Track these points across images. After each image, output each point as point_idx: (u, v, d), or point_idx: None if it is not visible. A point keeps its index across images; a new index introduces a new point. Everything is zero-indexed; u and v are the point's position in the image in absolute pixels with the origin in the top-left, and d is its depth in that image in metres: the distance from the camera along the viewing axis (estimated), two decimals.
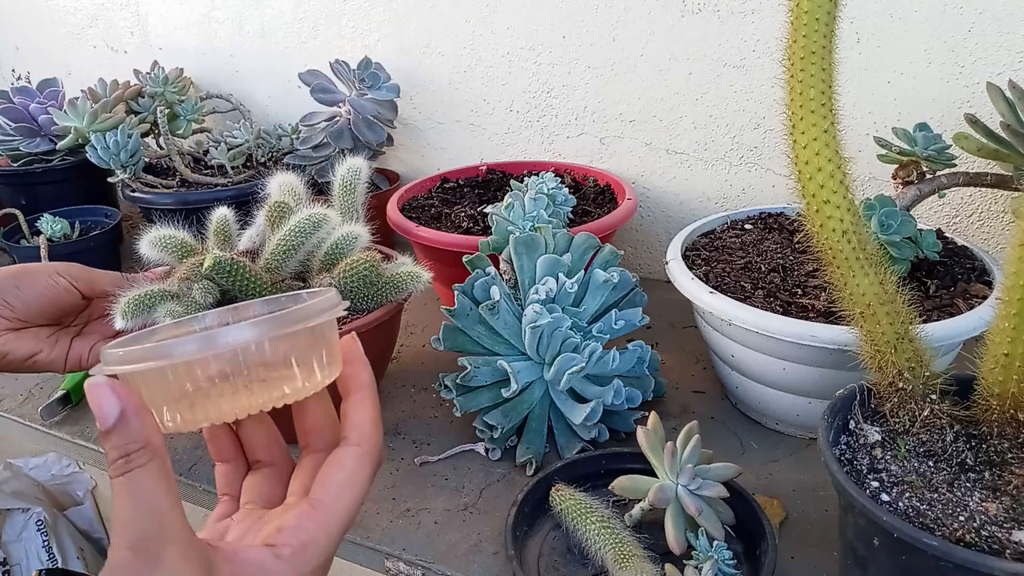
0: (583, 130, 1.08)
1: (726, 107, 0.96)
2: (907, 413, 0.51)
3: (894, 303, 0.50)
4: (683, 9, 0.94)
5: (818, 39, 0.46)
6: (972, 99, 0.82)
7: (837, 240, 0.49)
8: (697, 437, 0.60)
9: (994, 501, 0.46)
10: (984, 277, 0.70)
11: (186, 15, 1.35)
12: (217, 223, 0.73)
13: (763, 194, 0.99)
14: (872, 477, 0.49)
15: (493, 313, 0.69)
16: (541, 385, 0.70)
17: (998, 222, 0.87)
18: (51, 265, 0.65)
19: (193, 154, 1.25)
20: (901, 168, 0.73)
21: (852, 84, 0.86)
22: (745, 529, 0.60)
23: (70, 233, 1.12)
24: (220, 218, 0.73)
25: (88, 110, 1.13)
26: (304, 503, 0.38)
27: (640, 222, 1.09)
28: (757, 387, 0.71)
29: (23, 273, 0.63)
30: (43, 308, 0.63)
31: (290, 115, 1.26)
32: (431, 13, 1.11)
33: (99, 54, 1.50)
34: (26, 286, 0.62)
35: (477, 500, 0.67)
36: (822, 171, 0.48)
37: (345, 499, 0.38)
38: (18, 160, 1.23)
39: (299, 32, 1.25)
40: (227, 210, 0.74)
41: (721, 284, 0.71)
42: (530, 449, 0.70)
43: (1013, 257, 0.43)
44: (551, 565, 0.60)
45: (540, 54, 1.06)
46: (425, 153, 1.23)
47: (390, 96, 1.12)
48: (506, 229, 0.78)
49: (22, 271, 0.63)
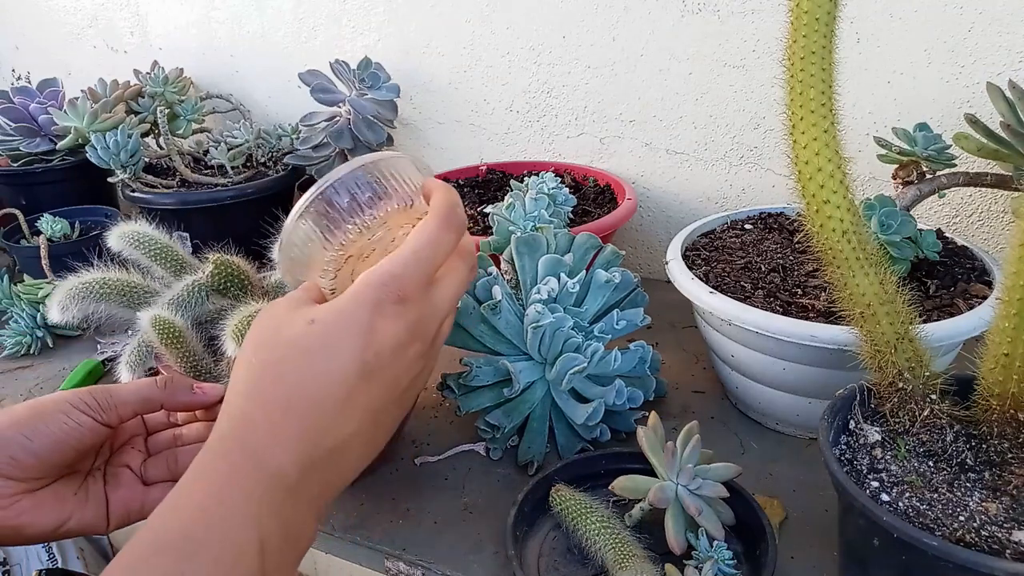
0: (583, 130, 1.08)
1: (726, 107, 0.96)
2: (907, 413, 0.51)
3: (894, 303, 0.50)
4: (683, 9, 0.94)
5: (818, 39, 0.46)
6: (972, 99, 0.82)
7: (837, 240, 0.49)
8: (697, 437, 0.60)
9: (994, 501, 0.46)
10: (984, 277, 0.70)
11: (186, 15, 1.35)
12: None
13: (763, 194, 0.99)
14: (872, 477, 0.49)
15: (495, 313, 0.69)
16: (543, 385, 0.70)
17: (998, 222, 0.87)
18: (66, 398, 0.51)
19: (193, 154, 1.25)
20: (901, 168, 0.73)
21: (852, 84, 0.86)
22: (745, 529, 0.60)
23: (70, 233, 1.12)
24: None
25: (88, 110, 1.13)
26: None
27: (640, 222, 1.09)
28: (757, 387, 0.71)
29: (34, 417, 0.49)
30: (63, 457, 0.50)
31: (290, 115, 1.26)
32: (431, 13, 1.11)
33: (99, 54, 1.50)
34: (38, 435, 0.49)
35: (477, 500, 0.67)
36: (822, 171, 0.48)
37: (411, 242, 0.43)
38: (18, 160, 1.23)
39: (299, 32, 1.25)
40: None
41: (721, 284, 0.71)
42: (531, 449, 0.70)
43: (1013, 257, 0.43)
44: (551, 565, 0.60)
45: (540, 54, 1.06)
46: (425, 153, 1.23)
47: (390, 96, 1.12)
48: (507, 229, 0.78)
49: (33, 415, 0.49)
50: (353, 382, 0.40)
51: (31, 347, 0.97)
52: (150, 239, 0.67)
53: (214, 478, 0.38)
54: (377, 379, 0.41)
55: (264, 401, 0.40)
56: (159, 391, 0.53)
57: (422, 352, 0.43)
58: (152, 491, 0.55)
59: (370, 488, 0.69)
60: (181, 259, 0.69)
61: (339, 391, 0.39)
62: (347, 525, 0.66)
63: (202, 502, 0.37)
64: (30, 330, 0.96)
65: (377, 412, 0.41)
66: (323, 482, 0.40)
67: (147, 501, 0.55)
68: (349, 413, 0.40)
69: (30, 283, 1.03)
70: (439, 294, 0.44)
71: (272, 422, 0.39)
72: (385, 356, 0.41)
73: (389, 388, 0.41)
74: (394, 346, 0.41)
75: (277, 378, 0.40)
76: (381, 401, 0.41)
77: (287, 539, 0.38)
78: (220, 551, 0.36)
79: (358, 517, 0.66)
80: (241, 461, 0.38)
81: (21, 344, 0.96)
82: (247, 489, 0.37)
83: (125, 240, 0.66)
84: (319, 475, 0.40)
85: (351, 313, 0.40)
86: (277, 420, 0.39)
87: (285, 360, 0.40)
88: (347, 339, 0.40)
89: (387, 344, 0.40)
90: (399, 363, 0.41)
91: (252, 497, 0.37)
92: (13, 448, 0.48)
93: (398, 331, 0.41)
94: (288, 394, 0.39)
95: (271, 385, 0.40)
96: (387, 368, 0.41)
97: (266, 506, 0.37)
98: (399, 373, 0.42)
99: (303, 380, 0.39)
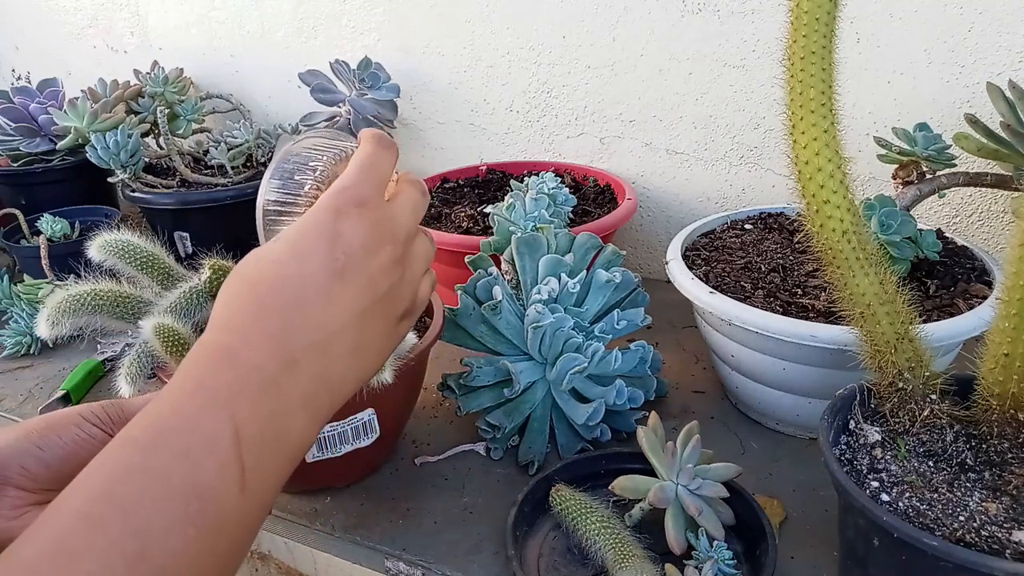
0: (583, 130, 1.08)
1: (726, 107, 0.96)
2: (907, 413, 0.51)
3: (894, 303, 0.50)
4: (683, 9, 0.94)
5: (818, 39, 0.47)
6: (972, 99, 0.82)
7: (837, 240, 0.49)
8: (697, 437, 0.60)
9: (994, 501, 0.46)
10: (984, 277, 0.70)
11: (186, 15, 1.35)
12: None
13: (763, 194, 0.99)
14: (872, 477, 0.49)
15: (495, 313, 0.69)
16: (543, 385, 0.70)
17: (998, 222, 0.87)
18: (78, 411, 0.51)
19: (193, 154, 1.25)
20: (901, 168, 0.73)
21: (852, 84, 0.86)
22: (745, 529, 0.60)
23: (70, 233, 1.12)
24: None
25: (88, 110, 1.13)
26: None
27: (640, 222, 1.09)
28: (757, 387, 0.71)
29: (46, 429, 0.50)
30: (74, 469, 0.49)
31: (290, 115, 1.26)
32: (431, 13, 1.11)
33: (99, 54, 1.50)
34: (50, 446, 0.49)
35: (477, 500, 0.67)
36: (822, 171, 0.48)
37: (358, 157, 0.45)
38: (18, 160, 1.23)
39: (299, 32, 1.25)
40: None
41: (721, 284, 0.71)
42: (532, 449, 0.70)
43: (1013, 257, 0.43)
44: (551, 565, 0.60)
45: (540, 54, 1.06)
46: (425, 153, 1.23)
47: (390, 96, 1.12)
48: (508, 229, 0.78)
49: (45, 427, 0.50)
50: (327, 282, 0.40)
51: (31, 347, 0.97)
52: (135, 248, 0.63)
53: (186, 378, 0.38)
54: (352, 277, 0.41)
55: (240, 307, 0.40)
56: None
57: (395, 256, 0.44)
58: None
59: (370, 488, 0.69)
60: (168, 268, 0.66)
61: (314, 291, 0.40)
62: (347, 525, 0.66)
63: (174, 400, 0.37)
64: (30, 330, 0.96)
65: (360, 314, 0.42)
66: (312, 377, 0.40)
67: None
68: (329, 310, 0.41)
69: (30, 283, 1.03)
70: (397, 205, 0.45)
71: (247, 324, 0.39)
72: (356, 255, 0.42)
73: (367, 287, 0.42)
74: (363, 243, 0.42)
75: (251, 287, 0.40)
76: (361, 302, 0.42)
77: (270, 431, 0.37)
78: (189, 441, 0.35)
79: (358, 517, 0.66)
80: (215, 360, 0.38)
81: (21, 344, 0.96)
82: (220, 382, 0.37)
83: (108, 250, 0.62)
84: (305, 370, 0.40)
85: (314, 222, 0.41)
86: (251, 322, 0.39)
87: (260, 273, 0.41)
88: (314, 243, 0.41)
89: (355, 242, 0.42)
90: (372, 262, 0.42)
91: (224, 388, 0.37)
92: (25, 458, 0.48)
93: (364, 230, 0.42)
94: (262, 299, 0.40)
95: (248, 294, 0.40)
96: (360, 266, 0.42)
97: (241, 397, 0.37)
98: (374, 274, 0.42)
99: (276, 286, 0.40)
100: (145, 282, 0.66)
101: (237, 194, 1.08)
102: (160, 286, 0.65)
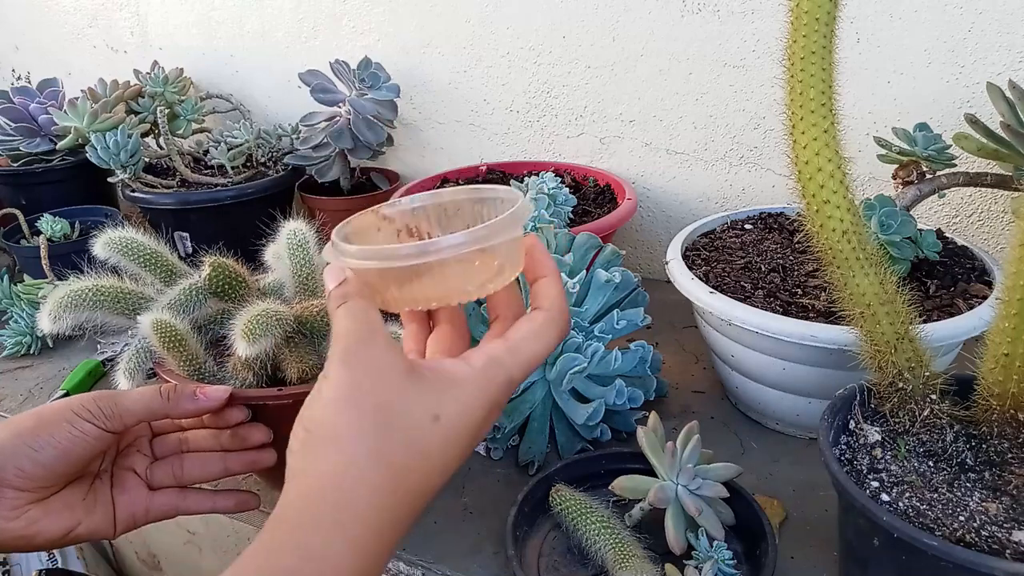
0: (583, 130, 1.08)
1: (726, 107, 0.96)
2: (907, 413, 0.51)
3: (894, 303, 0.50)
4: (683, 9, 0.94)
5: (818, 39, 0.47)
6: (972, 99, 0.82)
7: (837, 240, 0.49)
8: (697, 437, 0.60)
9: (994, 501, 0.46)
10: (984, 277, 0.70)
11: (186, 15, 1.35)
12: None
13: (763, 194, 0.99)
14: (872, 477, 0.49)
15: None
16: (543, 385, 0.70)
17: (998, 222, 0.87)
18: (69, 406, 0.51)
19: (193, 154, 1.25)
20: (901, 168, 0.73)
21: (852, 84, 0.86)
22: (745, 529, 0.60)
23: (70, 233, 1.12)
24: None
25: (88, 110, 1.13)
26: (494, 339, 0.42)
27: (640, 222, 1.09)
28: (757, 387, 0.71)
29: (38, 427, 0.49)
30: (70, 466, 0.51)
31: (290, 115, 1.25)
32: (431, 13, 1.11)
33: (99, 54, 1.50)
34: (43, 445, 0.49)
35: (477, 500, 0.67)
36: (822, 171, 0.48)
37: (532, 344, 0.42)
38: (18, 160, 1.23)
39: (299, 32, 1.25)
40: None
41: (721, 284, 0.71)
42: (532, 449, 0.70)
43: (1013, 257, 0.43)
44: (551, 565, 0.60)
45: (540, 54, 1.06)
46: (425, 153, 1.23)
47: (390, 96, 1.12)
48: None
49: (36, 425, 0.49)
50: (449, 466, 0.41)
51: (31, 347, 0.97)
52: (138, 245, 0.63)
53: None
54: (463, 452, 0.42)
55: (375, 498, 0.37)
56: (163, 402, 0.53)
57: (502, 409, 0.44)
58: (157, 496, 0.56)
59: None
60: (171, 265, 0.67)
61: (438, 481, 0.40)
62: None
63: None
64: (30, 330, 0.96)
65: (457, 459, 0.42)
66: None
67: (152, 506, 0.55)
68: (433, 488, 0.41)
69: (30, 283, 1.03)
70: (532, 356, 0.43)
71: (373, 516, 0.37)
72: (481, 435, 0.42)
73: (470, 447, 0.42)
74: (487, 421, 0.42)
75: (394, 479, 0.37)
76: (461, 459, 0.42)
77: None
78: None
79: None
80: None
81: (21, 344, 0.96)
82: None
83: (112, 247, 0.62)
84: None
85: (473, 411, 0.40)
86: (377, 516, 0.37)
87: (408, 467, 0.38)
88: (465, 438, 0.40)
89: (488, 429, 0.42)
90: (485, 429, 0.43)
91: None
92: (20, 459, 0.48)
93: (499, 415, 0.43)
94: (395, 498, 0.38)
95: (388, 484, 0.37)
96: (477, 439, 0.42)
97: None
98: (480, 435, 0.42)
99: (413, 486, 0.39)
100: (148, 279, 0.66)
101: (237, 194, 1.08)
102: (163, 283, 0.66)
